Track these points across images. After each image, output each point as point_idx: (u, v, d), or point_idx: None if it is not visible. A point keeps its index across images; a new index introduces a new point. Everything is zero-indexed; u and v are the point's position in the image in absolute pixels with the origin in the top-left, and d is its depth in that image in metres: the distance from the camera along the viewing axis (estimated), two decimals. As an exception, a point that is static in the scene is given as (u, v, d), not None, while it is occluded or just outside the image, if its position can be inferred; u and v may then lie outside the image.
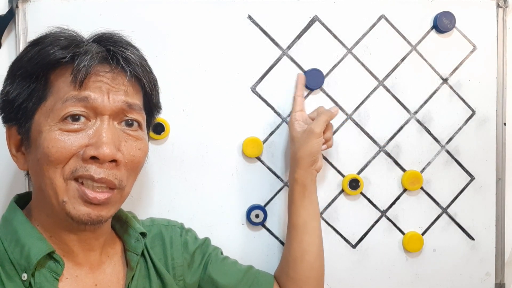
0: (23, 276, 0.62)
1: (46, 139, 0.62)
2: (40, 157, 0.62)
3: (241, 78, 0.93)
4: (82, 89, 0.62)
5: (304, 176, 0.86)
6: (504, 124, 1.03)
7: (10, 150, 0.68)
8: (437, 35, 0.99)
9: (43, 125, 0.63)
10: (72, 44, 0.64)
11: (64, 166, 0.62)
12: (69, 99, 0.62)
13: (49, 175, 0.62)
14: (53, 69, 0.64)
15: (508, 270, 1.06)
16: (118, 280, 0.72)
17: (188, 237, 0.83)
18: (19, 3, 0.85)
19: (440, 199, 1.02)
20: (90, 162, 0.62)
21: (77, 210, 0.63)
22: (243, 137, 0.94)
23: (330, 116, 0.88)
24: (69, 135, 0.62)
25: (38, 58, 0.63)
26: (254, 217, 0.94)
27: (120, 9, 0.88)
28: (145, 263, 0.76)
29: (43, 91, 0.64)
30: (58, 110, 0.62)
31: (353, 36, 0.97)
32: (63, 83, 0.63)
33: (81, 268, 0.69)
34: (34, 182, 0.67)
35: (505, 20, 1.02)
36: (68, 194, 0.62)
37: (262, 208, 0.94)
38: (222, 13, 0.92)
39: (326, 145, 0.91)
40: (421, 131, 1.00)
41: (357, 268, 0.99)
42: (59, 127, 0.62)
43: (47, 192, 0.64)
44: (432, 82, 1.00)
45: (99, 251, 0.71)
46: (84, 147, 0.62)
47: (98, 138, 0.62)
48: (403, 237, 1.00)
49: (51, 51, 0.63)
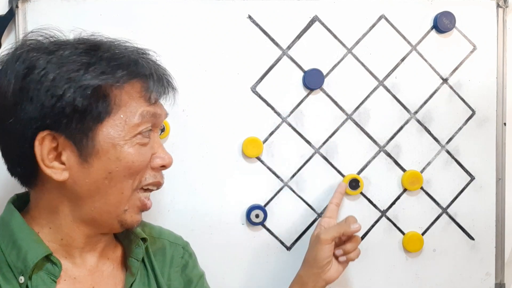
0: (20, 279, 0.62)
1: (128, 153, 0.64)
2: (115, 169, 0.64)
3: (241, 78, 0.93)
4: (152, 105, 0.67)
5: (306, 277, 0.86)
6: (504, 124, 1.03)
7: (42, 161, 0.62)
8: (437, 35, 0.99)
9: (116, 138, 0.63)
10: (132, 61, 0.66)
11: (136, 177, 0.66)
12: (145, 115, 0.65)
13: (121, 186, 0.65)
14: (120, 84, 0.64)
15: (508, 270, 1.06)
16: (115, 284, 0.71)
17: (190, 260, 0.82)
18: (19, 3, 0.85)
19: (440, 199, 1.02)
20: (157, 171, 0.69)
21: (133, 218, 0.68)
22: (243, 137, 0.94)
23: (346, 230, 0.85)
24: (144, 148, 0.66)
25: (104, 72, 0.62)
26: (254, 217, 0.94)
27: (120, 9, 0.88)
28: (145, 270, 0.75)
29: (107, 105, 0.63)
30: (134, 125, 0.64)
31: (353, 36, 0.97)
32: (129, 97, 0.65)
33: (79, 269, 0.68)
34: (76, 189, 0.64)
35: (505, 20, 1.02)
36: (129, 203, 0.67)
37: (262, 208, 0.94)
38: (222, 13, 0.92)
39: (346, 257, 0.87)
40: (421, 131, 1.00)
41: (357, 268, 0.99)
42: (137, 142, 0.65)
43: (108, 201, 0.65)
44: (432, 82, 1.00)
45: (98, 253, 0.71)
46: (150, 157, 0.67)
47: (158, 148, 0.69)
48: (403, 237, 1.00)
49: (118, 70, 0.63)
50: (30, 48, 0.64)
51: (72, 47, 0.64)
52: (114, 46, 0.66)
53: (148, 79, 0.66)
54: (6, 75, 0.62)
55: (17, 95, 0.61)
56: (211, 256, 0.93)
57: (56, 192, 0.65)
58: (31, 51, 0.63)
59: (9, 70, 0.62)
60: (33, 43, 0.65)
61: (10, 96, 0.62)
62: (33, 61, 0.62)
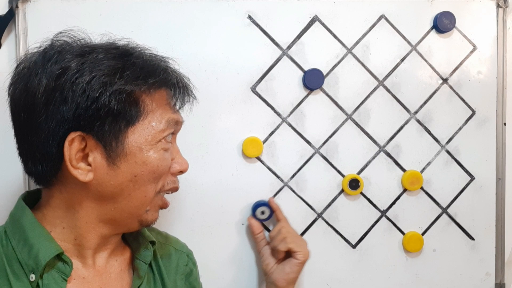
0: (31, 277, 0.62)
1: (154, 158, 0.66)
2: (140, 173, 0.65)
3: (241, 78, 0.94)
4: (176, 112, 0.70)
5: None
6: (504, 124, 1.03)
7: (70, 161, 0.62)
8: (437, 35, 0.99)
9: (144, 143, 0.65)
10: (162, 70, 0.68)
11: (159, 181, 0.68)
12: (170, 122, 0.68)
13: (144, 189, 0.67)
14: (150, 91, 0.66)
15: (508, 270, 1.06)
16: (123, 286, 0.71)
17: (194, 269, 0.84)
18: (19, 3, 0.85)
19: (440, 199, 1.02)
20: (176, 175, 0.72)
21: (153, 216, 0.70)
22: (243, 137, 0.94)
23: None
24: (166, 154, 0.68)
25: (138, 78, 0.64)
26: (259, 214, 0.94)
27: (120, 9, 0.88)
28: (152, 274, 0.75)
29: (137, 110, 0.64)
30: (160, 130, 0.66)
31: (353, 36, 0.97)
32: (157, 104, 0.67)
33: (89, 270, 0.69)
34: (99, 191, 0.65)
35: (505, 20, 1.02)
36: (151, 204, 0.69)
37: (267, 204, 0.94)
38: (222, 13, 0.92)
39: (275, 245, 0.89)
40: (421, 131, 1.00)
41: (357, 268, 0.99)
42: (162, 147, 0.67)
43: (131, 203, 0.66)
44: (432, 82, 1.00)
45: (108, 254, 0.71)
46: (170, 163, 0.70)
47: (177, 154, 0.72)
48: (403, 237, 1.01)
49: (150, 77, 0.65)
50: (61, 49, 0.64)
51: (105, 51, 0.64)
52: (143, 53, 0.68)
53: (174, 88, 0.69)
54: (37, 74, 0.62)
55: (50, 94, 0.61)
56: (211, 256, 0.94)
57: (77, 192, 0.65)
58: (63, 52, 0.63)
59: (40, 69, 0.62)
60: (63, 45, 0.65)
61: (41, 96, 0.61)
62: (66, 62, 0.62)
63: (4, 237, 0.66)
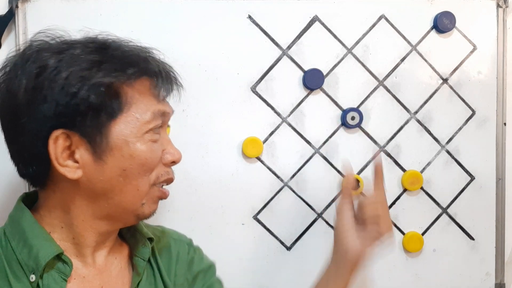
0: (31, 278, 0.62)
1: (141, 150, 0.65)
2: (129, 167, 0.64)
3: (241, 78, 0.94)
4: (161, 102, 0.68)
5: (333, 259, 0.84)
6: (504, 124, 1.03)
7: (56, 159, 0.62)
8: (437, 35, 0.99)
9: (129, 135, 0.64)
10: (141, 59, 0.66)
11: (151, 173, 0.67)
12: (156, 112, 0.66)
13: (136, 183, 0.65)
14: (130, 82, 0.65)
15: (508, 270, 1.06)
16: (123, 283, 0.71)
17: (195, 255, 0.82)
18: (19, 3, 0.85)
19: (440, 199, 1.02)
20: (169, 166, 0.70)
21: (151, 208, 0.69)
22: (243, 137, 0.94)
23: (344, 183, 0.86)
24: (155, 145, 0.67)
25: (116, 69, 0.63)
26: (350, 119, 0.95)
27: (120, 9, 0.88)
28: (151, 270, 0.75)
29: (119, 102, 0.64)
30: (146, 122, 0.65)
31: (353, 36, 0.97)
32: (140, 95, 0.65)
33: (89, 269, 0.68)
34: (90, 188, 0.65)
35: (505, 20, 1.02)
36: (147, 197, 0.68)
37: (359, 111, 0.96)
38: (222, 13, 0.92)
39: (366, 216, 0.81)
40: (421, 131, 1.00)
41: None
42: (149, 138, 0.66)
43: (124, 198, 0.65)
44: (432, 82, 1.00)
45: (107, 252, 0.71)
46: (161, 154, 0.68)
47: (168, 145, 0.70)
48: (403, 237, 1.01)
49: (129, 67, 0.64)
50: (39, 49, 0.64)
51: (83, 46, 0.64)
52: (122, 45, 0.67)
53: (157, 76, 0.67)
54: (17, 76, 0.62)
55: (30, 94, 0.61)
56: (211, 256, 0.93)
57: (69, 191, 0.65)
58: (41, 51, 0.63)
59: (20, 70, 0.62)
60: (41, 44, 0.65)
61: (22, 96, 0.61)
62: (44, 60, 0.62)
63: (4, 238, 0.66)
